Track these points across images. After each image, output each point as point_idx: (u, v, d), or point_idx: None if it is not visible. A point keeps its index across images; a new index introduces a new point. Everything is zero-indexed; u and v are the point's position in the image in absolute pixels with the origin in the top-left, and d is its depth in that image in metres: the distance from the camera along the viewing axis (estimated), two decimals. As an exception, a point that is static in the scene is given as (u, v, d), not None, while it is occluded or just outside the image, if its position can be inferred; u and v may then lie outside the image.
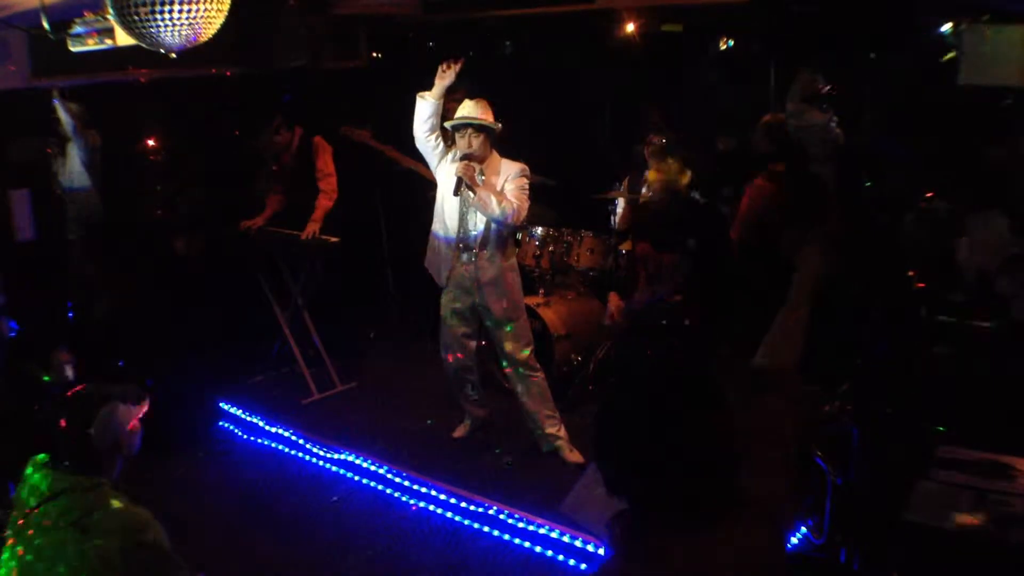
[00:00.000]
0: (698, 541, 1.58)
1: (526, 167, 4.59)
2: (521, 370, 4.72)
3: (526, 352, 4.72)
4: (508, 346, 4.72)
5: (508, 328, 4.69)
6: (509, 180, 4.52)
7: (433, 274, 4.81)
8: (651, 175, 5.13)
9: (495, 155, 4.59)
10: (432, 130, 4.48)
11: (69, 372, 4.30)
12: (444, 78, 4.35)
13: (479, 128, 4.44)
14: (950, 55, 4.51)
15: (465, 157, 4.44)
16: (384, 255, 7.15)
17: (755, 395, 1.80)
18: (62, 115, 5.92)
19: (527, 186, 4.56)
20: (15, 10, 4.00)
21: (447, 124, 4.55)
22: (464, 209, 4.60)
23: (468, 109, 4.48)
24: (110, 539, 2.41)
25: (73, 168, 6.12)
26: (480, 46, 7.15)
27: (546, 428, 4.75)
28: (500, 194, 4.48)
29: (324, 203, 5.84)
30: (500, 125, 4.52)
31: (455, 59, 4.35)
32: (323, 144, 5.96)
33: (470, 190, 4.44)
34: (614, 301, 5.18)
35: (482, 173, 4.52)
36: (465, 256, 4.64)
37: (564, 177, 6.45)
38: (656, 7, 6.04)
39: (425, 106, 4.42)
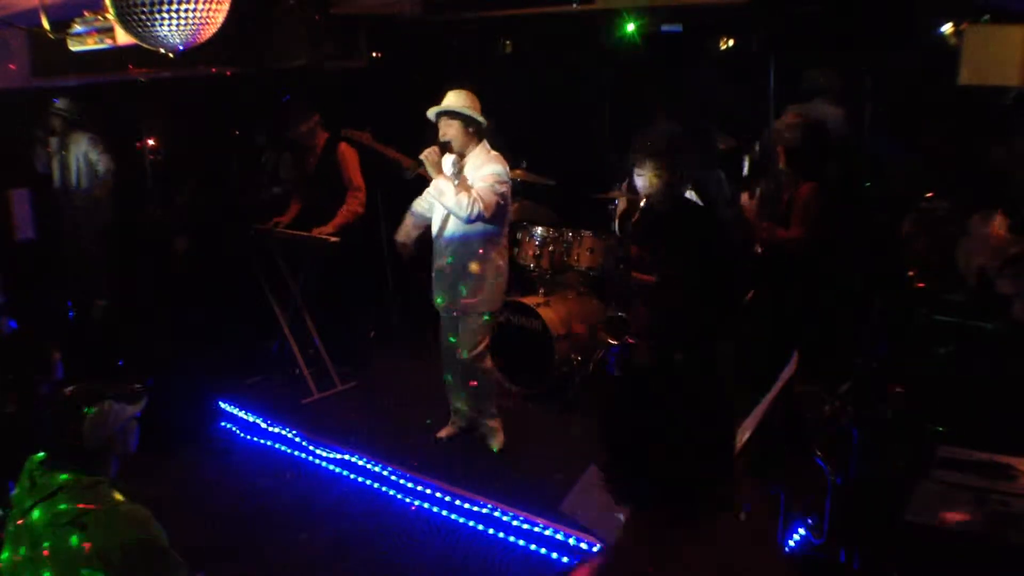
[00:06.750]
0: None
1: (502, 169, 4.50)
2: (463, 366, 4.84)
3: (465, 354, 4.76)
4: (458, 345, 4.78)
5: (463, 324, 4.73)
6: (479, 177, 4.46)
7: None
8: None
9: (481, 149, 4.54)
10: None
11: (59, 370, 4.31)
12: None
13: (452, 116, 4.45)
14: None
15: (440, 146, 4.44)
16: (384, 255, 7.14)
17: None
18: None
19: (497, 185, 4.44)
20: (15, 9, 4.01)
21: (428, 113, 4.57)
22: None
23: (446, 99, 4.51)
24: (109, 537, 2.41)
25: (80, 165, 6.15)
26: (480, 46, 7.14)
27: (483, 419, 4.99)
28: (463, 186, 4.42)
29: (354, 208, 5.84)
30: (482, 119, 4.48)
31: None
32: (350, 153, 5.90)
33: (428, 176, 4.44)
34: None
35: (455, 165, 4.50)
36: (441, 252, 4.69)
37: (564, 177, 6.45)
38: (656, 7, 6.04)
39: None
